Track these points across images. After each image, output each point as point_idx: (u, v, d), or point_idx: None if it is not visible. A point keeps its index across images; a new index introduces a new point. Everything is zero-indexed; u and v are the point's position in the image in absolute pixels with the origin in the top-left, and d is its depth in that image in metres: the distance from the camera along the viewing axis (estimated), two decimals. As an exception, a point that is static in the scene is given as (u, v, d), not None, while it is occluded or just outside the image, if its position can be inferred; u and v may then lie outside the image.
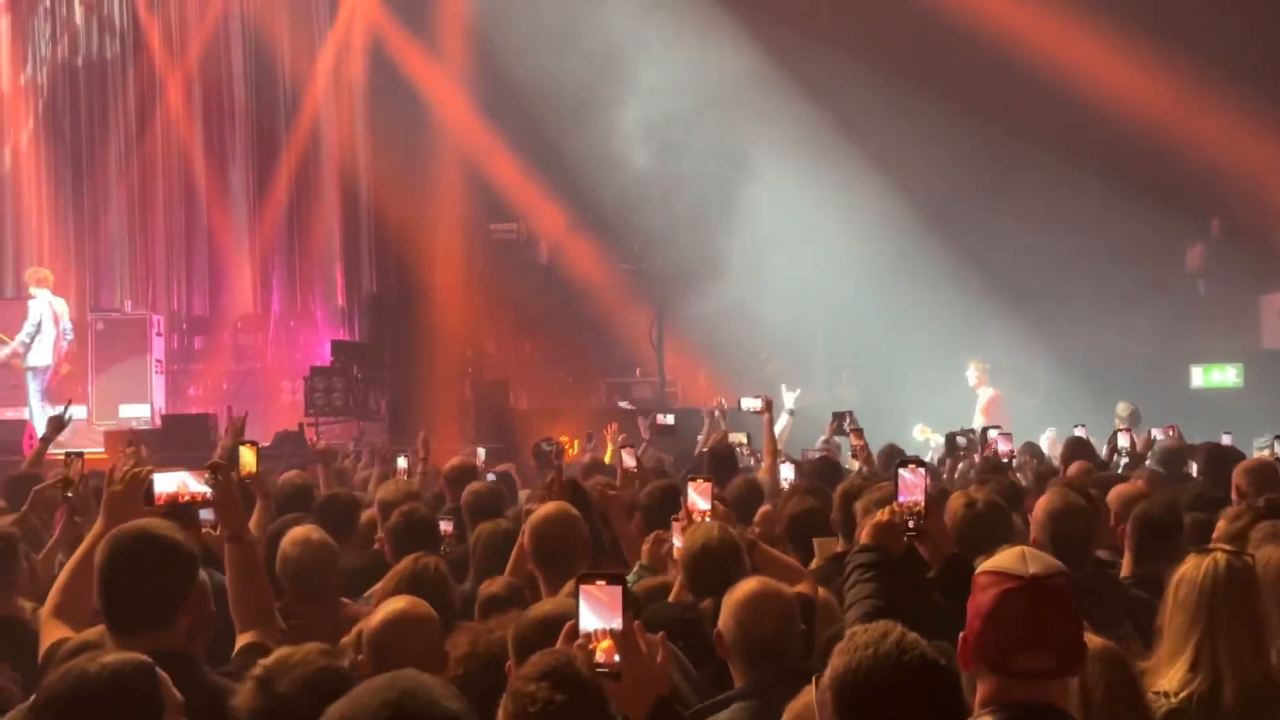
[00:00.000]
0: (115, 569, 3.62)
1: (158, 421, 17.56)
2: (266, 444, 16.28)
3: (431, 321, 17.92)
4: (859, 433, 10.24)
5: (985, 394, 15.65)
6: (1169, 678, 3.68)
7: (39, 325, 16.54)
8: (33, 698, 3.03)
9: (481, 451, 11.17)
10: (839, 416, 10.78)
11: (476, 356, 18.13)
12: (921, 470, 4.33)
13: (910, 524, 4.27)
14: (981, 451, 9.89)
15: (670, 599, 5.02)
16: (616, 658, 3.16)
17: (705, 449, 10.45)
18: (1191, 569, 3.80)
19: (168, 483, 4.56)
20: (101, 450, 14.37)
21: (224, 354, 19.97)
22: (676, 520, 5.40)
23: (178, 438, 15.60)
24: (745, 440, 10.61)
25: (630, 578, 5.94)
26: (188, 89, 20.27)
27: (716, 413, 11.83)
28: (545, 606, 3.81)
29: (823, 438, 11.29)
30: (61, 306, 16.97)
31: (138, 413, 17.89)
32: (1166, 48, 16.32)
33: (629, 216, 18.47)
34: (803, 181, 17.59)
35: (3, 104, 20.43)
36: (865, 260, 17.27)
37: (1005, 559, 2.92)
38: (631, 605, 3.30)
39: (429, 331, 17.81)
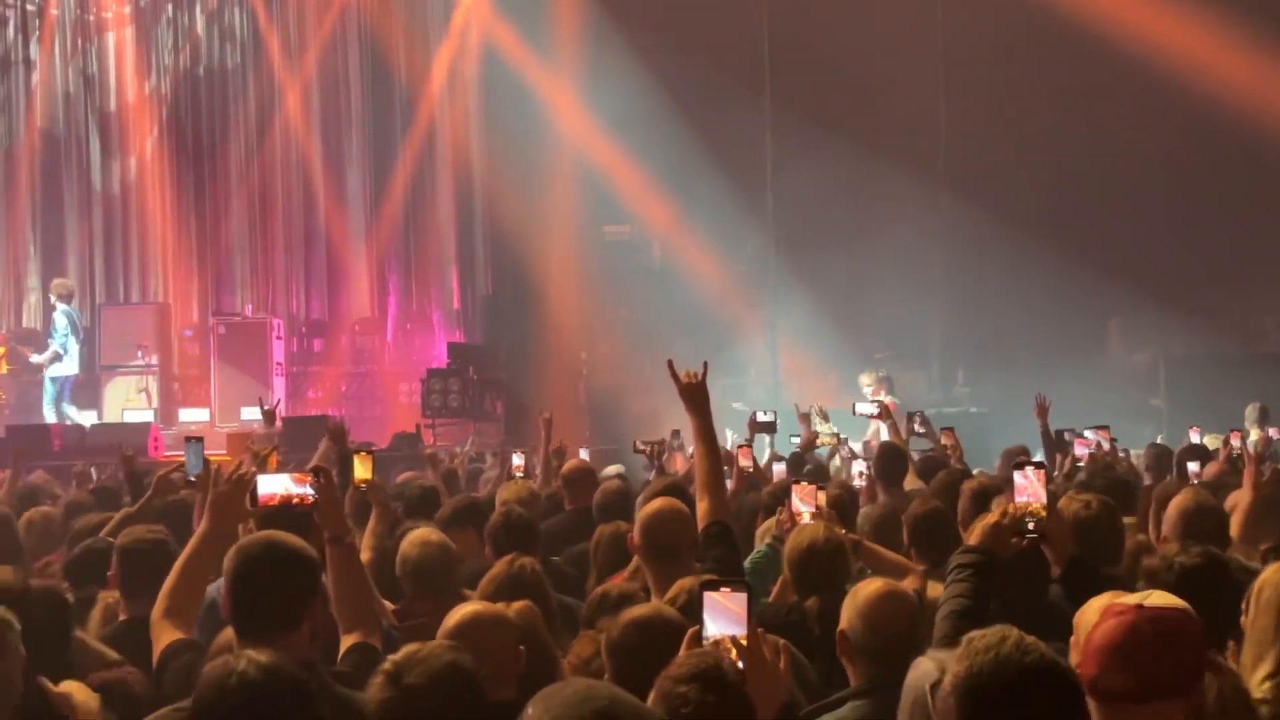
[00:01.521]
0: (245, 575, 3.68)
1: (278, 424, 17.79)
2: (383, 446, 16.51)
3: (546, 323, 18.00)
4: (949, 431, 10.09)
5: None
6: (1254, 684, 3.64)
7: (68, 335, 17.03)
8: (191, 700, 3.07)
9: (584, 453, 11.17)
10: (911, 415, 10.64)
11: (590, 358, 18.18)
12: (1040, 471, 4.27)
13: (1030, 525, 4.21)
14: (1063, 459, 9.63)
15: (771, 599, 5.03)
16: (740, 664, 3.14)
17: (801, 449, 10.41)
18: (1274, 572, 3.76)
19: (271, 485, 4.61)
20: (224, 453, 14.61)
21: (342, 356, 20.25)
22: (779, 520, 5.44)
23: (298, 439, 15.82)
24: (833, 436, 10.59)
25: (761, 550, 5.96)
26: (306, 96, 20.59)
27: (814, 411, 11.74)
28: (641, 611, 3.79)
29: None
30: (78, 317, 17.48)
31: (258, 415, 18.14)
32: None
33: (742, 217, 18.45)
34: (917, 181, 17.45)
35: (128, 113, 20.91)
36: (982, 258, 17.06)
37: (1138, 595, 2.94)
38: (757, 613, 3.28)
39: (543, 333, 17.90)
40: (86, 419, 17.55)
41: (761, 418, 11.37)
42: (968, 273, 17.34)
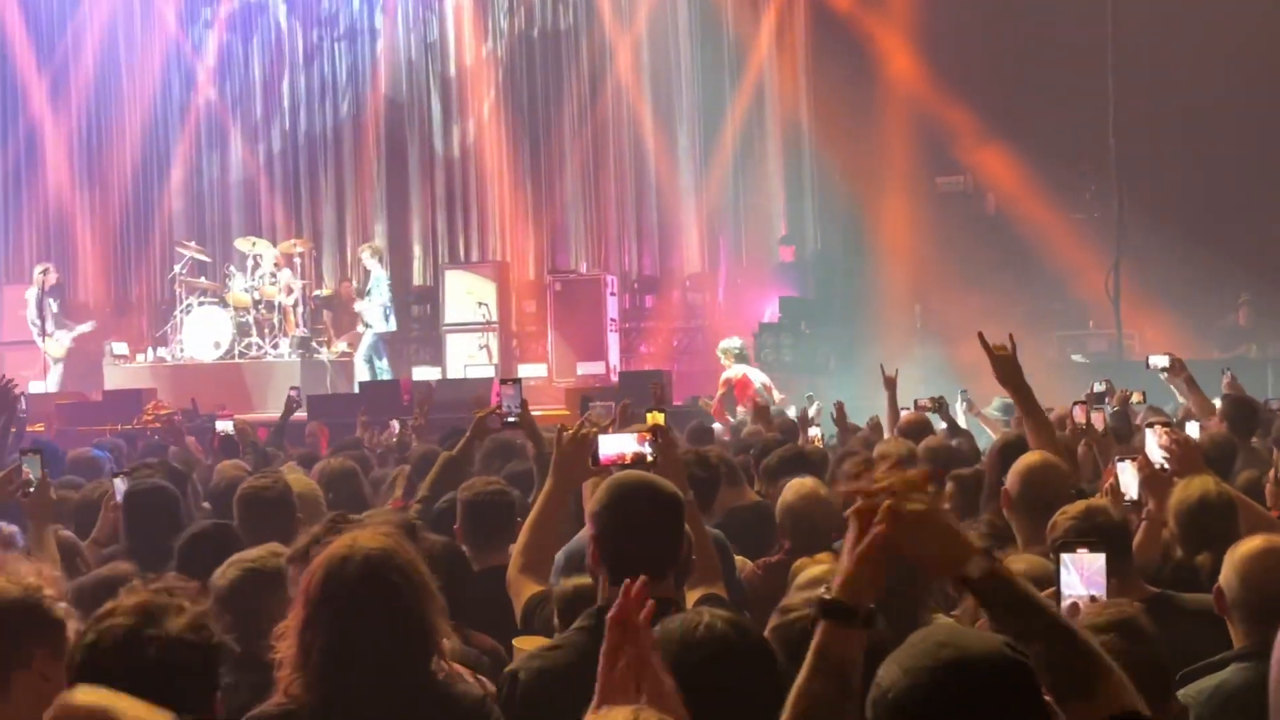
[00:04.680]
0: (616, 517, 3.67)
1: (613, 379, 18.15)
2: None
3: (878, 276, 17.82)
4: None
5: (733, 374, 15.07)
6: None
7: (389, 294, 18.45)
8: None
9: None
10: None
11: (923, 311, 17.91)
12: None
13: None
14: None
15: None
16: None
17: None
18: None
19: (612, 445, 4.64)
20: (563, 408, 14.93)
21: (674, 312, 20.46)
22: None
23: (632, 394, 16.07)
24: None
25: None
26: (636, 54, 20.81)
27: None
28: (1017, 567, 3.67)
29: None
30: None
31: (594, 370, 18.53)
32: None
33: (1079, 164, 17.89)
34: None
35: (466, 78, 21.54)
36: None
37: None
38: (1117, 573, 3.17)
39: (875, 286, 17.72)
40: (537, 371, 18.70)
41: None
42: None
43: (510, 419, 6.39)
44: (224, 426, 9.76)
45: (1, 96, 21.76)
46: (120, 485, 6.16)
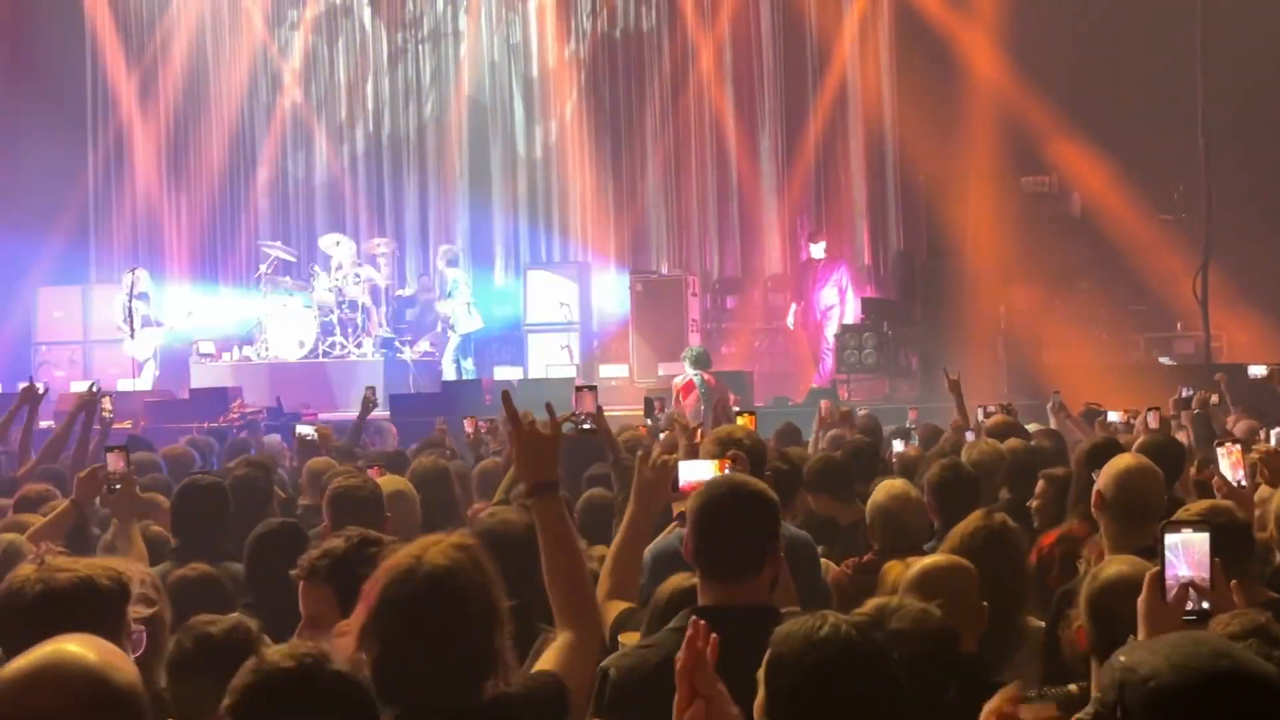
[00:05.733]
0: (710, 515, 3.69)
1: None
2: (799, 401, 16.62)
3: (961, 277, 17.68)
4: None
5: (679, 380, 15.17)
6: None
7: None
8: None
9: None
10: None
11: (1008, 312, 17.77)
12: None
13: None
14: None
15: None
16: (1205, 605, 3.04)
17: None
18: None
19: (692, 471, 4.64)
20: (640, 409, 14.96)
21: (755, 313, 20.45)
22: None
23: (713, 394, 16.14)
24: None
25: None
26: (719, 54, 20.79)
27: None
28: (1119, 567, 3.65)
29: None
30: None
31: (675, 370, 18.53)
32: None
33: (1167, 164, 17.67)
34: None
35: (549, 79, 21.62)
36: None
37: None
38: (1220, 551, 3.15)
39: (959, 287, 17.59)
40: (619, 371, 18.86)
41: None
42: None
43: (585, 426, 6.38)
44: (305, 430, 9.87)
45: (92, 99, 22.08)
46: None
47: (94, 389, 9.48)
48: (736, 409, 10.73)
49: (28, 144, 20.55)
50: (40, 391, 9.50)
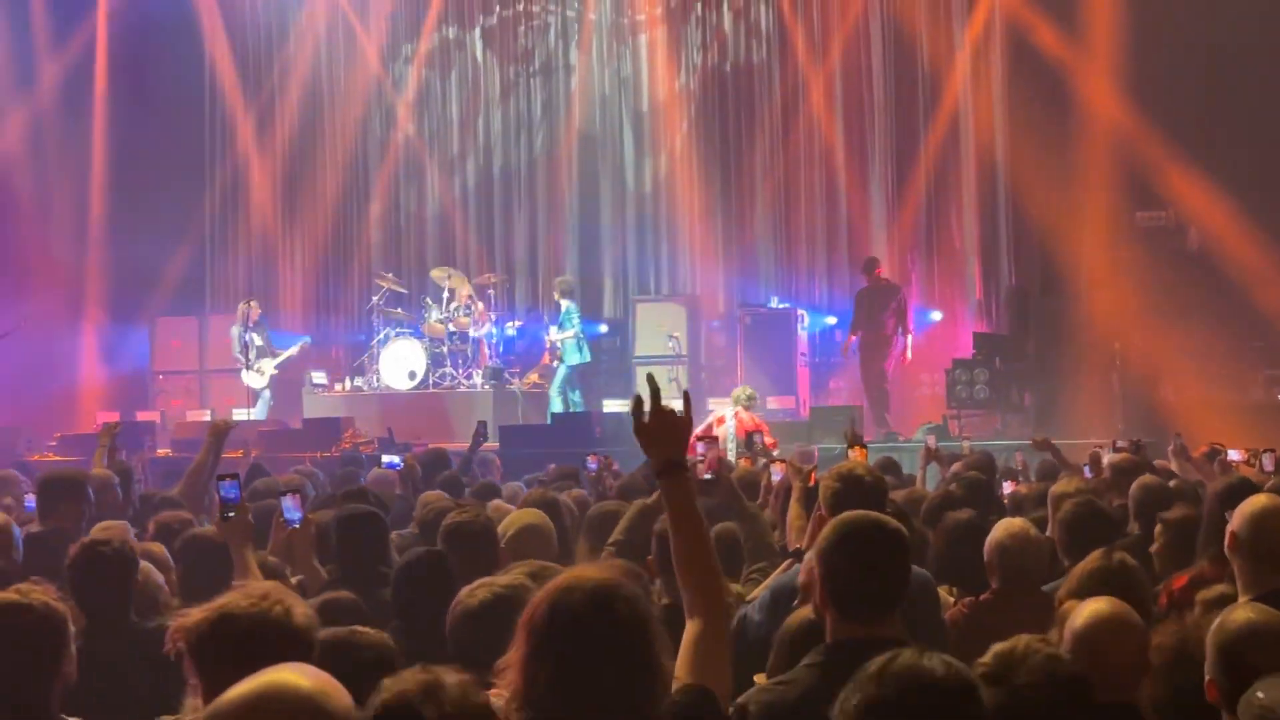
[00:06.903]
0: (847, 556, 3.68)
1: (804, 413, 18.08)
2: (907, 436, 16.48)
3: (1075, 312, 17.45)
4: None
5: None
6: None
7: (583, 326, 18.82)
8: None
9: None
10: None
11: (1123, 349, 17.50)
12: None
13: None
14: None
15: None
16: None
17: None
18: None
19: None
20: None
21: (864, 347, 20.27)
22: None
23: (821, 429, 16.08)
24: None
25: None
26: (829, 88, 20.73)
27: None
28: (1246, 614, 3.55)
29: None
30: None
31: (784, 404, 18.47)
32: None
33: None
34: None
35: (659, 112, 21.69)
36: None
37: None
38: None
39: (1072, 322, 17.36)
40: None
41: None
42: None
43: (707, 477, 6.19)
44: (390, 460, 10.13)
45: (211, 133, 22.49)
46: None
47: (229, 421, 9.54)
48: (774, 450, 11.13)
49: (149, 177, 20.96)
50: (228, 427, 9.04)
